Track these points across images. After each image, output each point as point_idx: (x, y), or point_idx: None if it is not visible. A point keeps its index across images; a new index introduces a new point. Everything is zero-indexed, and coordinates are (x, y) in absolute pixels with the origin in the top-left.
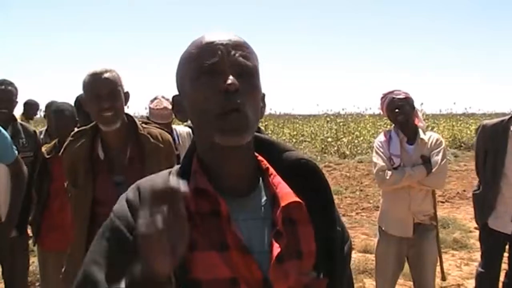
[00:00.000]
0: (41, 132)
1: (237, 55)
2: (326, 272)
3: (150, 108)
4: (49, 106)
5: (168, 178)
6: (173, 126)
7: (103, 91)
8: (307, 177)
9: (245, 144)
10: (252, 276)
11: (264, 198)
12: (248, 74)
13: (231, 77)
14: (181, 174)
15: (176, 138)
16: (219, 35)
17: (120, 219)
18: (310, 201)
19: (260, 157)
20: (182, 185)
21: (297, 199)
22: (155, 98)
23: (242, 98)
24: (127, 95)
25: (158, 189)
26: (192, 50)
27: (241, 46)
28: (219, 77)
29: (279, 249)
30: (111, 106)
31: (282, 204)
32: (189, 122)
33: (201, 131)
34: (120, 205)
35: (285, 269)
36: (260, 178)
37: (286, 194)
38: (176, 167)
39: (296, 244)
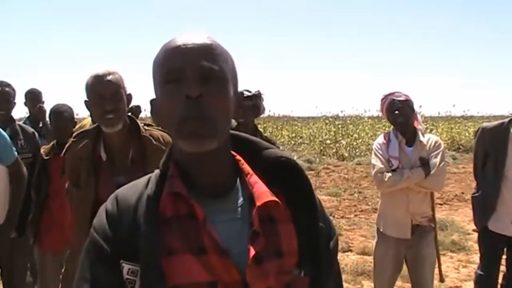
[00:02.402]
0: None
1: (201, 59)
2: (311, 269)
3: None
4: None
5: (146, 185)
6: None
7: (105, 93)
8: (287, 175)
9: (215, 148)
10: (231, 278)
11: (241, 199)
12: (214, 78)
13: (193, 82)
14: (160, 178)
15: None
16: (187, 38)
17: (98, 233)
18: (292, 198)
19: (238, 157)
20: None
21: (274, 198)
22: None
23: (207, 103)
24: (129, 97)
25: None
26: (159, 55)
27: (207, 49)
28: (183, 83)
29: (256, 250)
30: (114, 108)
31: (258, 203)
32: None
33: (171, 136)
34: (99, 218)
35: (264, 269)
36: (238, 178)
37: (263, 193)
38: (156, 171)
39: (276, 243)
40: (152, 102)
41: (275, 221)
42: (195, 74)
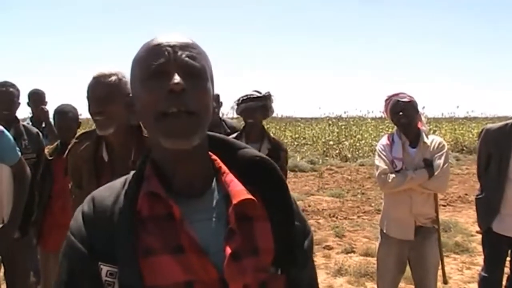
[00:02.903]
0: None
1: (183, 56)
2: (287, 268)
3: None
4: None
5: (123, 186)
6: None
7: (95, 94)
8: (263, 174)
9: (195, 146)
10: (208, 276)
11: (218, 198)
12: (196, 75)
13: (176, 77)
14: (136, 179)
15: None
16: (167, 36)
17: (75, 236)
18: (267, 197)
19: (214, 156)
20: None
21: (249, 196)
22: None
23: (189, 98)
24: (129, 99)
25: None
26: (141, 53)
27: (188, 47)
28: (165, 78)
29: (231, 248)
30: (101, 110)
31: (234, 202)
32: None
33: (150, 133)
34: (75, 221)
35: (241, 266)
36: (214, 178)
37: (238, 192)
38: (133, 172)
39: (252, 241)
40: (129, 99)
41: (251, 219)
42: (178, 70)
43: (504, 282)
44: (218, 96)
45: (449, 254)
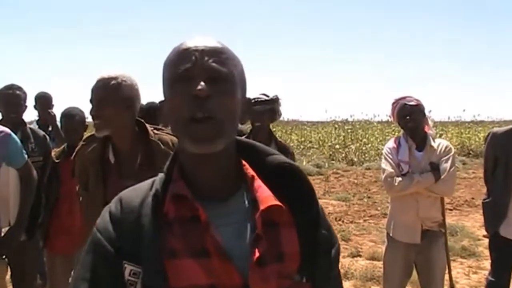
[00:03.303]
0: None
1: (211, 60)
2: (311, 275)
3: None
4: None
5: (150, 188)
6: None
7: (94, 98)
8: (291, 181)
9: (221, 150)
10: (232, 281)
11: (245, 203)
12: (222, 80)
13: (202, 83)
14: (164, 181)
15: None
16: (196, 41)
17: (102, 234)
18: (295, 204)
19: (243, 161)
20: None
21: (277, 202)
22: None
23: (215, 104)
24: (128, 102)
25: None
26: (170, 56)
27: (217, 52)
28: (191, 83)
29: (258, 253)
30: (96, 114)
31: (262, 207)
32: None
33: (177, 137)
34: (103, 219)
35: (266, 273)
36: (242, 183)
37: (266, 197)
38: (161, 174)
39: (277, 248)
40: (161, 103)
41: (277, 226)
42: (204, 75)
43: (511, 287)
44: (249, 100)
45: (456, 258)
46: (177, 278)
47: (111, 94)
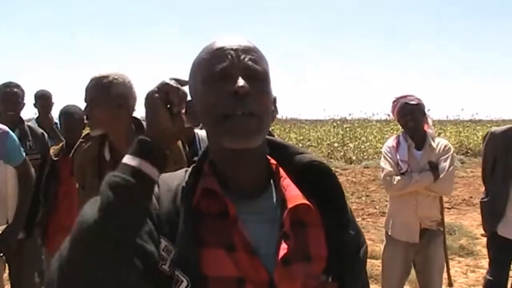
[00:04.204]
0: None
1: (246, 59)
2: (338, 276)
3: None
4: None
5: (183, 176)
6: (196, 131)
7: (88, 97)
8: (319, 180)
9: (256, 147)
10: (259, 277)
11: (274, 201)
12: (258, 78)
13: (241, 80)
14: (194, 175)
15: (198, 143)
16: (229, 40)
17: None
18: (323, 203)
19: (272, 160)
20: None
21: (305, 201)
22: None
23: (252, 101)
24: (122, 100)
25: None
26: (203, 56)
27: (250, 51)
28: (229, 81)
29: (285, 251)
30: (89, 114)
31: (290, 206)
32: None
33: (212, 134)
34: None
35: (292, 271)
36: (271, 181)
37: (295, 196)
38: (193, 166)
39: (304, 247)
40: (188, 103)
41: (305, 225)
42: (242, 73)
43: (509, 286)
44: (275, 98)
45: (454, 257)
46: (206, 266)
47: (103, 93)
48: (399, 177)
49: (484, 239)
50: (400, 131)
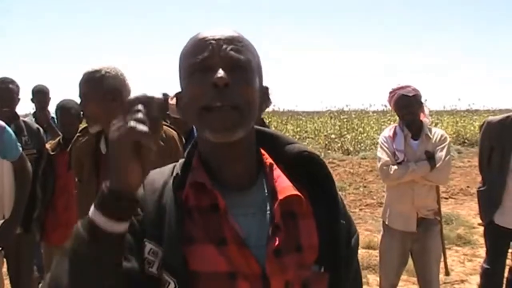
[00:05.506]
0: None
1: (228, 49)
2: (330, 266)
3: (170, 104)
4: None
5: (171, 172)
6: None
7: (81, 92)
8: (310, 170)
9: (240, 139)
10: (250, 270)
11: (264, 192)
12: (241, 68)
13: (220, 71)
14: (184, 168)
15: (195, 135)
16: (213, 31)
17: None
18: (314, 193)
19: (262, 151)
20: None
21: (296, 192)
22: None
23: (234, 92)
24: (114, 94)
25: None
26: (186, 47)
27: (234, 41)
28: (210, 72)
29: (276, 243)
30: (84, 109)
31: (280, 197)
32: None
33: (196, 127)
34: None
35: (283, 263)
36: (261, 172)
37: (285, 187)
38: (181, 161)
39: (296, 238)
40: (177, 95)
41: (296, 216)
42: (222, 63)
43: (505, 274)
44: (267, 88)
45: (451, 246)
46: (197, 262)
47: (95, 87)
48: (395, 167)
49: (481, 229)
50: (397, 122)
